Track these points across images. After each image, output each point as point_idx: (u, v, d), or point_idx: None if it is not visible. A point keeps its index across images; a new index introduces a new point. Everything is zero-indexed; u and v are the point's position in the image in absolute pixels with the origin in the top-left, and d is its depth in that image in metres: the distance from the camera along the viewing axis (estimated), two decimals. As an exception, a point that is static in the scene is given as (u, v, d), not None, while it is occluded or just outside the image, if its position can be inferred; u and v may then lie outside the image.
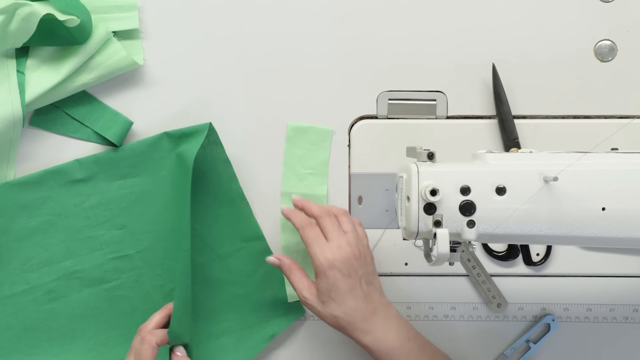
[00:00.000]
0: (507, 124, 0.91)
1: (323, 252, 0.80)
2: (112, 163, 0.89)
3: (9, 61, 0.87)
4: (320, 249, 0.81)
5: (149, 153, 0.90)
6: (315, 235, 0.82)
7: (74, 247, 0.88)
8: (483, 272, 0.92)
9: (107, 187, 0.89)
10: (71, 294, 0.88)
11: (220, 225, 0.90)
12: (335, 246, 0.81)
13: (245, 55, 0.93)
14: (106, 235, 0.89)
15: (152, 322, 0.83)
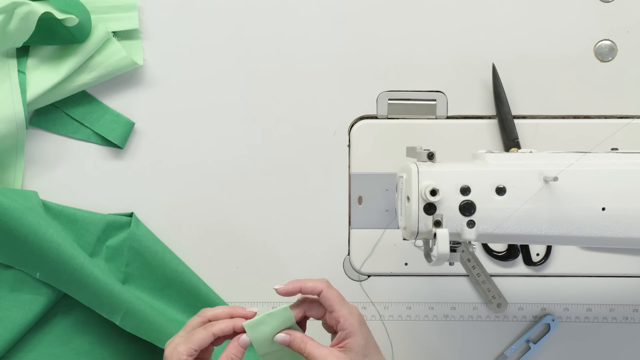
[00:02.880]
0: (507, 124, 0.91)
1: (351, 310, 0.76)
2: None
3: (9, 61, 0.87)
4: (349, 308, 0.76)
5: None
6: (338, 294, 0.76)
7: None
8: (483, 272, 0.92)
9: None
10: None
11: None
12: (352, 306, 0.77)
13: (245, 55, 0.93)
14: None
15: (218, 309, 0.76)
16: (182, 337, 0.73)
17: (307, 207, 0.93)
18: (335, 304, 0.75)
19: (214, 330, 0.72)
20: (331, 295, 0.75)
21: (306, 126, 0.93)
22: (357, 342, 0.75)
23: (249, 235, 0.93)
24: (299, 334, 0.76)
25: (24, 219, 0.83)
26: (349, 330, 0.75)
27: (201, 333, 0.72)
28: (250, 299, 0.93)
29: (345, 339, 0.75)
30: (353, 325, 0.75)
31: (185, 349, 0.71)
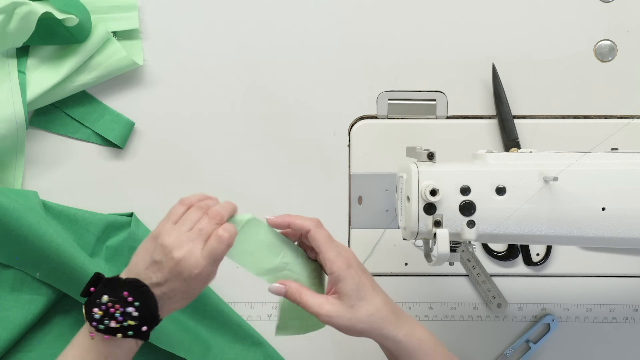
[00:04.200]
0: (507, 124, 0.91)
1: (339, 251, 0.73)
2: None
3: (10, 61, 0.87)
4: (337, 250, 0.73)
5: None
6: (327, 235, 0.74)
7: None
8: (483, 272, 0.92)
9: None
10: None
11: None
12: (341, 246, 0.74)
13: (245, 55, 0.93)
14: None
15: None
16: (191, 239, 0.70)
17: (307, 207, 0.93)
18: (322, 245, 0.72)
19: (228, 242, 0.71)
20: (318, 236, 0.73)
21: (306, 126, 0.93)
22: (348, 286, 0.72)
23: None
24: (294, 284, 0.75)
25: (24, 219, 0.83)
26: (337, 274, 0.72)
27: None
28: (251, 299, 0.93)
29: (335, 283, 0.73)
30: (340, 269, 0.72)
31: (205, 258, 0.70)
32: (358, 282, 0.73)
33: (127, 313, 0.69)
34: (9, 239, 0.83)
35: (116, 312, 0.69)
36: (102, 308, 0.69)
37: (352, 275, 0.72)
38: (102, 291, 0.70)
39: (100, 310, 0.69)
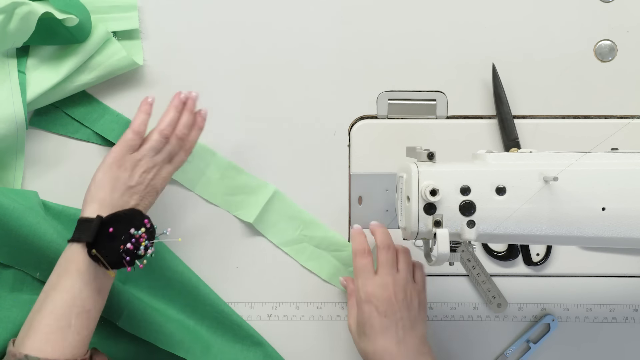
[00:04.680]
0: (507, 124, 0.91)
1: (365, 284, 0.81)
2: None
3: (10, 61, 0.87)
4: (363, 281, 0.82)
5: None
6: (363, 266, 0.82)
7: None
8: (483, 272, 0.92)
9: None
10: None
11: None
12: (379, 282, 0.81)
13: (245, 55, 0.93)
14: None
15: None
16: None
17: (307, 207, 0.93)
18: (356, 273, 0.83)
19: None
20: (358, 264, 0.83)
21: (306, 126, 0.93)
22: (358, 317, 0.83)
23: (249, 235, 0.93)
24: (352, 285, 0.88)
25: (24, 219, 0.83)
26: (356, 302, 0.83)
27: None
28: (251, 299, 0.93)
29: (357, 308, 0.84)
30: (358, 299, 0.83)
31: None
32: (367, 318, 0.81)
33: (153, 232, 0.78)
34: (9, 239, 0.83)
35: (145, 241, 0.77)
36: (132, 241, 0.76)
37: (365, 310, 0.81)
38: (123, 227, 0.77)
39: (137, 245, 0.76)
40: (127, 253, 0.76)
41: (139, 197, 0.81)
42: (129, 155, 0.81)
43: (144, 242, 0.77)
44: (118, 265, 0.76)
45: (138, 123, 0.83)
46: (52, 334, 0.74)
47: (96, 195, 0.80)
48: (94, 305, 0.77)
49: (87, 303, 0.76)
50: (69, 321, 0.75)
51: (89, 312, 0.76)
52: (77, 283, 0.76)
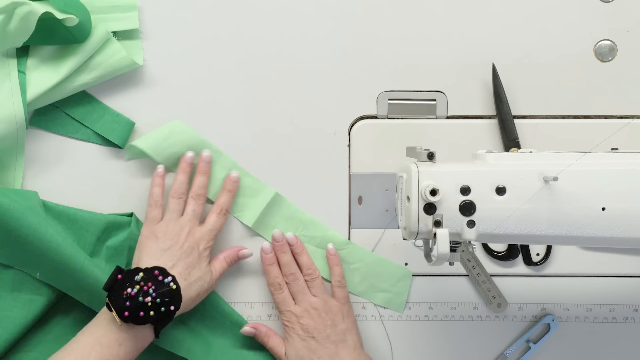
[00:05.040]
0: (507, 124, 0.91)
1: (290, 316, 0.88)
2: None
3: (10, 61, 0.87)
4: (287, 313, 0.88)
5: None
6: (283, 299, 0.89)
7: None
8: (483, 272, 0.92)
9: None
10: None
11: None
12: (299, 311, 0.88)
13: (245, 55, 0.93)
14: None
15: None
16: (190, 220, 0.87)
17: (307, 207, 0.93)
18: (277, 306, 0.90)
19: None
20: (276, 298, 0.90)
21: (306, 126, 0.93)
22: (287, 347, 0.88)
23: (249, 235, 0.93)
24: (264, 328, 0.90)
25: (24, 219, 0.83)
26: (279, 339, 0.90)
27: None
28: (251, 299, 0.93)
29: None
30: (286, 331, 0.89)
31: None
32: (299, 345, 0.87)
33: (162, 285, 0.79)
34: (9, 239, 0.83)
35: (149, 289, 0.79)
36: (134, 287, 0.78)
37: (293, 338, 0.87)
38: (132, 275, 0.80)
39: (134, 289, 0.78)
40: (129, 299, 0.78)
41: (177, 258, 0.84)
42: (156, 226, 0.86)
43: (150, 289, 0.79)
44: (122, 313, 0.77)
45: (152, 196, 0.88)
46: None
47: (133, 262, 0.84)
48: (113, 356, 0.78)
49: (105, 352, 0.78)
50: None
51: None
52: (100, 330, 0.79)
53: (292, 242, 0.91)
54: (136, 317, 0.78)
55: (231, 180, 0.90)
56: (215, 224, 0.88)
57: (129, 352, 0.79)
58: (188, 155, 0.89)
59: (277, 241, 0.90)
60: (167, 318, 0.80)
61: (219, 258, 0.89)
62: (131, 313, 0.77)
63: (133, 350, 0.80)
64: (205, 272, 0.85)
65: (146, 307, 0.78)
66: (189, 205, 0.88)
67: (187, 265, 0.83)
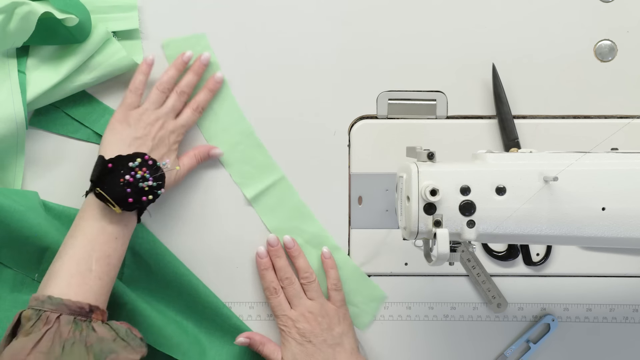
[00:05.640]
0: (507, 124, 0.91)
1: (285, 321, 0.88)
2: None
3: (9, 61, 0.87)
4: (282, 318, 0.88)
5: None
6: (278, 304, 0.89)
7: None
8: (483, 272, 0.92)
9: None
10: None
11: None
12: (295, 315, 0.88)
13: (244, 55, 0.93)
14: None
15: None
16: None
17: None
18: (273, 311, 0.90)
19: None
20: (272, 302, 0.89)
21: (306, 126, 0.93)
22: (284, 352, 0.88)
23: (248, 235, 0.93)
24: (258, 336, 0.89)
25: (25, 221, 0.83)
26: (274, 345, 0.90)
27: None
28: (251, 299, 0.93)
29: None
30: (283, 335, 0.89)
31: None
32: (296, 350, 0.86)
33: (155, 169, 0.80)
34: (9, 240, 0.83)
35: (145, 174, 0.79)
36: (133, 173, 0.78)
37: (290, 343, 0.87)
38: (122, 162, 0.80)
39: (136, 175, 0.78)
40: (128, 186, 0.78)
41: (148, 148, 0.83)
42: (131, 112, 0.85)
43: (145, 174, 0.79)
44: (123, 201, 0.78)
45: (135, 82, 0.87)
46: (73, 278, 0.75)
47: (104, 152, 0.82)
48: (113, 251, 0.78)
49: (105, 248, 0.78)
50: (89, 266, 0.76)
51: (109, 258, 0.78)
52: (93, 228, 0.78)
53: (289, 245, 0.90)
54: (138, 202, 0.78)
55: (214, 79, 0.90)
56: (189, 120, 0.88)
57: (124, 242, 0.80)
58: (187, 53, 0.89)
59: (272, 246, 0.90)
60: (154, 201, 0.81)
61: (189, 154, 0.89)
62: (134, 199, 0.78)
63: (126, 241, 0.81)
64: (172, 164, 0.86)
65: (145, 191, 0.79)
66: (170, 99, 0.87)
67: (157, 157, 0.84)
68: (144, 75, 0.88)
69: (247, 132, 0.92)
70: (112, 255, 0.78)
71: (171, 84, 0.88)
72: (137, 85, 0.87)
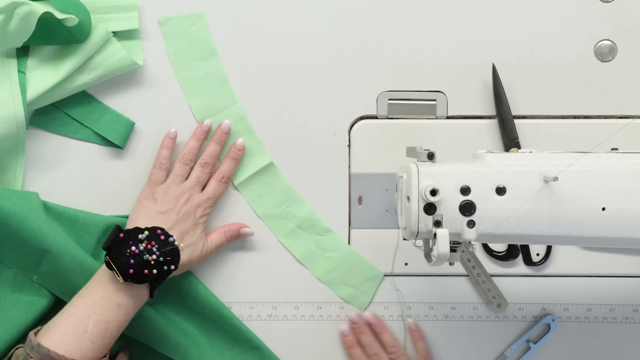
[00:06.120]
0: (507, 124, 0.91)
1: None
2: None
3: (10, 61, 0.87)
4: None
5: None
6: (357, 355, 0.89)
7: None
8: (483, 272, 0.92)
9: None
10: None
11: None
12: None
13: (244, 55, 0.93)
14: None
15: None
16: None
17: (307, 207, 0.93)
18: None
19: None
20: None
21: (306, 126, 0.93)
22: None
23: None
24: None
25: (25, 223, 0.82)
26: None
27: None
28: (251, 299, 0.93)
29: None
30: None
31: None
32: None
33: (164, 244, 0.80)
34: (10, 241, 0.83)
35: (153, 248, 0.80)
36: (139, 245, 0.79)
37: None
38: (134, 233, 0.80)
39: (139, 247, 0.79)
40: (133, 257, 0.78)
41: (171, 222, 0.84)
42: (157, 188, 0.87)
43: (152, 248, 0.79)
44: (125, 271, 0.78)
45: (159, 158, 0.88)
46: (67, 335, 0.77)
47: (129, 226, 0.84)
48: (113, 319, 0.79)
49: (106, 314, 0.78)
50: (85, 327, 0.77)
51: (107, 324, 0.78)
52: (98, 292, 0.79)
53: (372, 322, 0.90)
54: (140, 274, 0.78)
55: (236, 148, 0.89)
56: (215, 192, 0.88)
57: (127, 313, 0.80)
58: (206, 122, 0.89)
59: (355, 323, 0.90)
60: (164, 277, 0.81)
61: (220, 231, 0.89)
62: (135, 271, 0.78)
63: (131, 312, 0.81)
64: (199, 239, 0.85)
65: (150, 265, 0.79)
66: (194, 172, 0.88)
67: (182, 231, 0.84)
68: (167, 150, 0.88)
69: (239, 116, 0.92)
70: (111, 322, 0.79)
71: (193, 155, 0.88)
72: (162, 160, 0.87)
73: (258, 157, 0.91)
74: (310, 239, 0.92)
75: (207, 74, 0.92)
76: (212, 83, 0.92)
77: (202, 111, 0.92)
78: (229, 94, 0.92)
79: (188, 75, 0.91)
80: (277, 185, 0.92)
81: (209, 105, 0.92)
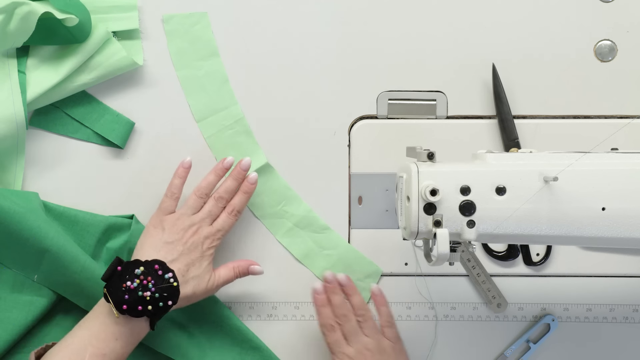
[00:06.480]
0: (507, 124, 0.91)
1: (343, 358, 0.86)
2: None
3: (10, 61, 0.87)
4: (340, 355, 0.87)
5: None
6: (335, 341, 0.87)
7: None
8: (483, 272, 0.92)
9: None
10: None
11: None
12: (353, 352, 0.86)
13: (244, 55, 0.93)
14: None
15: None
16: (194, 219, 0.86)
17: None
18: (330, 348, 0.87)
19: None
20: (329, 339, 0.87)
21: (306, 126, 0.93)
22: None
23: (249, 236, 0.93)
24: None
25: (25, 222, 0.82)
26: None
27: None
28: (251, 299, 0.93)
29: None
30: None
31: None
32: None
33: (161, 280, 0.79)
34: (9, 241, 0.83)
35: (149, 284, 0.78)
36: (134, 281, 0.78)
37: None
38: (132, 267, 0.79)
39: (133, 283, 0.77)
40: (128, 292, 0.78)
41: (177, 253, 0.83)
42: (166, 217, 0.85)
43: (148, 283, 0.78)
44: (119, 306, 0.77)
45: (171, 187, 0.87)
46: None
47: (136, 255, 0.83)
48: (110, 351, 0.78)
49: (103, 346, 0.78)
50: (81, 358, 0.77)
51: (104, 357, 0.78)
52: (95, 324, 0.79)
53: (343, 283, 0.90)
54: (134, 310, 0.78)
55: (249, 182, 0.88)
56: (225, 224, 0.87)
57: (125, 345, 0.79)
58: (228, 159, 0.88)
59: (329, 282, 0.90)
60: (164, 312, 0.80)
61: (229, 266, 0.88)
62: (129, 306, 0.77)
63: (129, 344, 0.80)
64: (205, 271, 0.85)
65: (144, 301, 0.78)
66: (207, 205, 0.86)
67: (187, 263, 0.83)
68: (180, 180, 0.87)
69: (238, 117, 0.92)
70: (108, 355, 0.78)
71: (210, 189, 0.87)
72: (173, 190, 0.86)
73: (254, 158, 0.91)
74: (308, 237, 0.92)
75: (207, 74, 0.92)
76: (212, 83, 0.92)
77: (201, 110, 0.92)
78: (229, 94, 0.92)
79: (189, 74, 0.91)
80: (273, 184, 0.92)
81: (208, 105, 0.92)
